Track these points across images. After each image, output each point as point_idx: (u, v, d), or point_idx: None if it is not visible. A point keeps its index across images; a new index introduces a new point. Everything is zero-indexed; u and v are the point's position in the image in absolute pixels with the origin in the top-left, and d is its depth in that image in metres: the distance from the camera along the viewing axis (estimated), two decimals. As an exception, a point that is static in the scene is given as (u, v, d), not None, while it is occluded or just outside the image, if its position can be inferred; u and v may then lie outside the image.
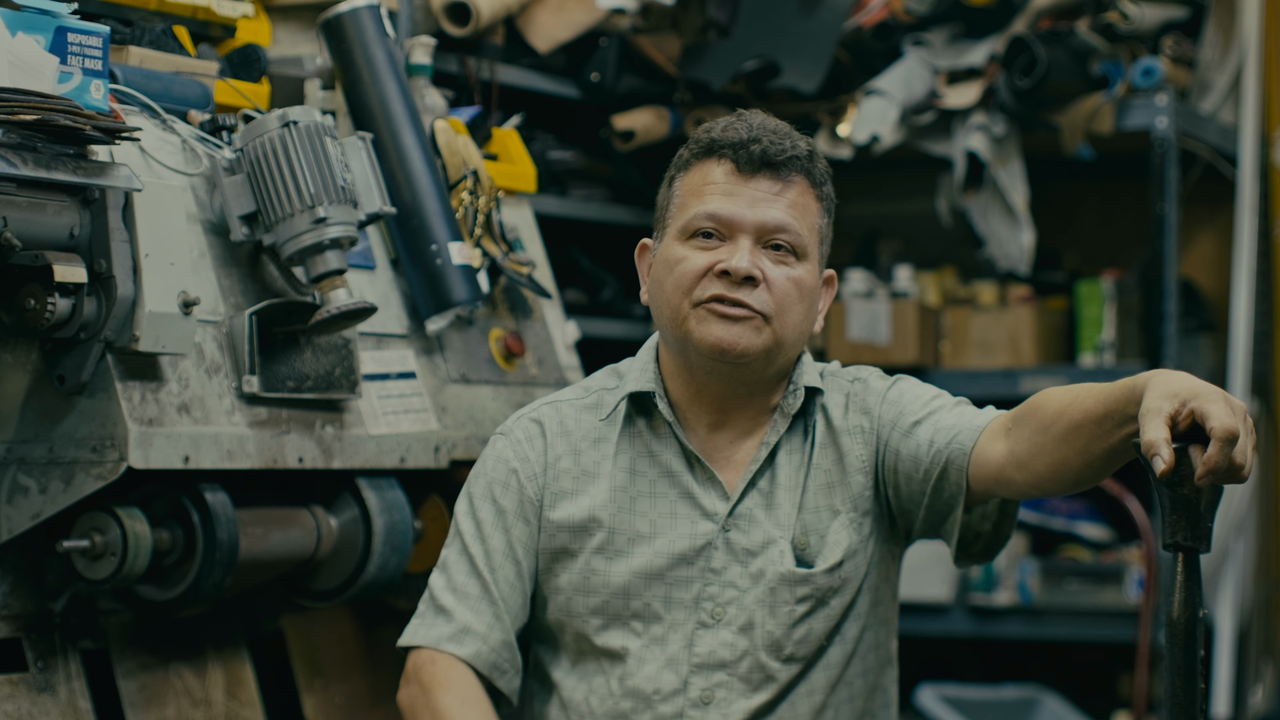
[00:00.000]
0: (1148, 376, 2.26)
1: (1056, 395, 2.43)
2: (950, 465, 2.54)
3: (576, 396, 2.72)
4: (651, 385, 2.65)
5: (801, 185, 2.60)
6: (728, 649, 2.59)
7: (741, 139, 2.58)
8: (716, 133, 2.61)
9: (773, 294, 2.55)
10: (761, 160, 2.57)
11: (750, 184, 2.57)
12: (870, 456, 2.63)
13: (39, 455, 2.69)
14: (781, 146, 2.58)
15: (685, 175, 2.63)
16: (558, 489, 2.65)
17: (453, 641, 2.62)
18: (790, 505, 2.62)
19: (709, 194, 2.58)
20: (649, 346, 2.70)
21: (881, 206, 5.55)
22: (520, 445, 2.68)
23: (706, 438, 2.64)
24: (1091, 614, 4.86)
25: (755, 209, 2.57)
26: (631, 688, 2.60)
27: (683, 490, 2.62)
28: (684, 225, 2.59)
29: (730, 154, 2.58)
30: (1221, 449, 2.13)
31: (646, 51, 4.71)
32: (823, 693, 2.62)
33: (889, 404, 2.64)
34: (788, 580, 2.59)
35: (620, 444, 2.65)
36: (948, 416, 2.58)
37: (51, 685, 2.77)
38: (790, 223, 2.57)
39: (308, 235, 2.87)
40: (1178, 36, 4.92)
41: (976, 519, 2.62)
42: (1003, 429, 2.50)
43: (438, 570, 2.69)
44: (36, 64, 2.51)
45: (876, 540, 2.65)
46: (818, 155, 2.63)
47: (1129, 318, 5.00)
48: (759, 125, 2.60)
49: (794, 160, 2.58)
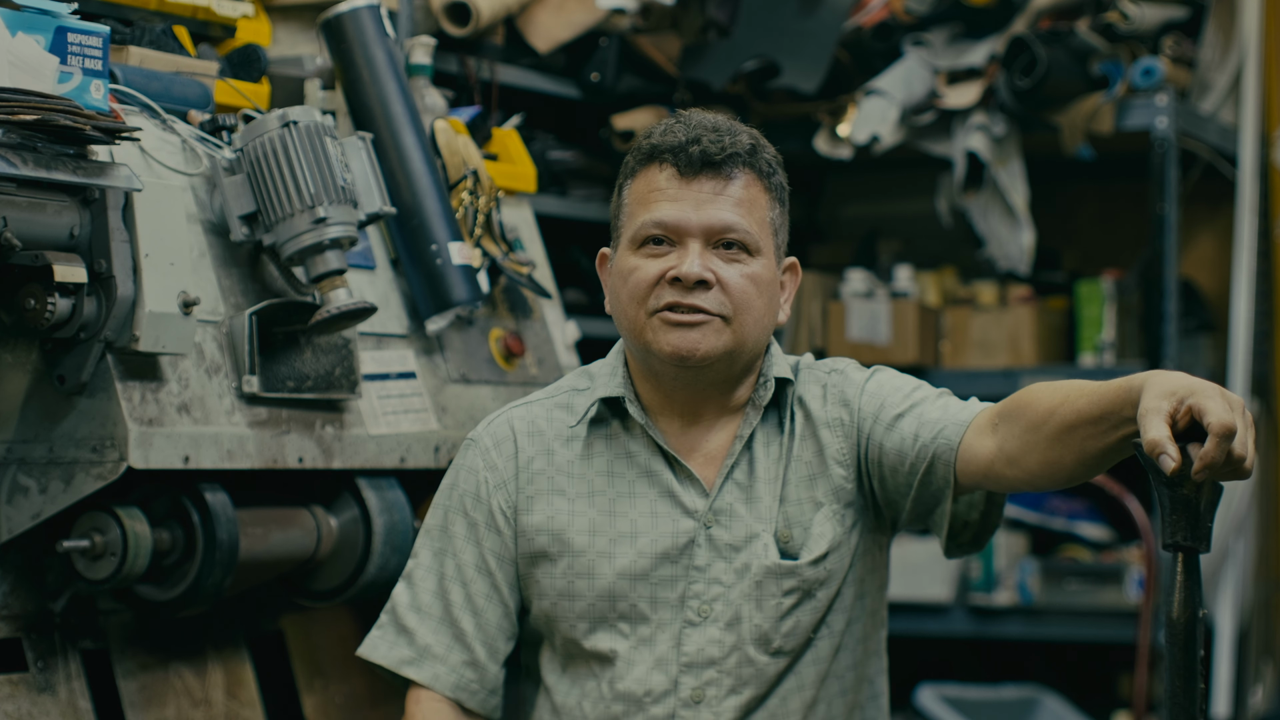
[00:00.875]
0: (1144, 377, 2.25)
1: (1045, 392, 2.41)
2: (937, 460, 2.53)
3: (547, 396, 2.71)
4: (621, 390, 2.63)
5: (746, 179, 2.57)
6: (716, 646, 2.59)
7: (680, 142, 2.55)
8: (656, 137, 2.59)
9: (729, 294, 2.54)
10: (702, 161, 2.55)
11: (693, 186, 2.55)
12: (850, 449, 2.63)
13: (39, 455, 2.69)
14: (721, 144, 2.55)
15: (632, 183, 2.61)
16: (532, 491, 2.64)
17: (412, 666, 2.63)
18: (771, 498, 2.61)
19: (654, 200, 2.56)
20: (617, 349, 2.69)
21: (881, 206, 5.56)
22: (489, 454, 2.66)
23: (680, 435, 2.64)
24: (1091, 614, 4.86)
25: (700, 211, 2.55)
26: (622, 691, 2.59)
27: (662, 489, 2.61)
28: (633, 234, 2.58)
29: (670, 158, 2.56)
30: (1218, 444, 2.12)
31: (646, 51, 4.71)
32: (813, 687, 2.61)
33: (869, 396, 2.63)
34: (774, 573, 2.59)
35: (595, 446, 2.64)
36: (932, 410, 2.57)
37: (51, 685, 2.77)
38: (737, 221, 2.55)
39: (308, 235, 2.87)
40: (1178, 36, 4.92)
41: (964, 508, 2.61)
42: (989, 424, 2.49)
43: (403, 583, 2.67)
44: (36, 64, 2.51)
45: (861, 531, 2.64)
46: (762, 146, 2.60)
47: (1129, 318, 5.00)
48: (697, 124, 2.57)
49: (734, 157, 2.56)
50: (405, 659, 2.64)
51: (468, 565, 2.63)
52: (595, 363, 2.72)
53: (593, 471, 2.63)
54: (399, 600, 2.67)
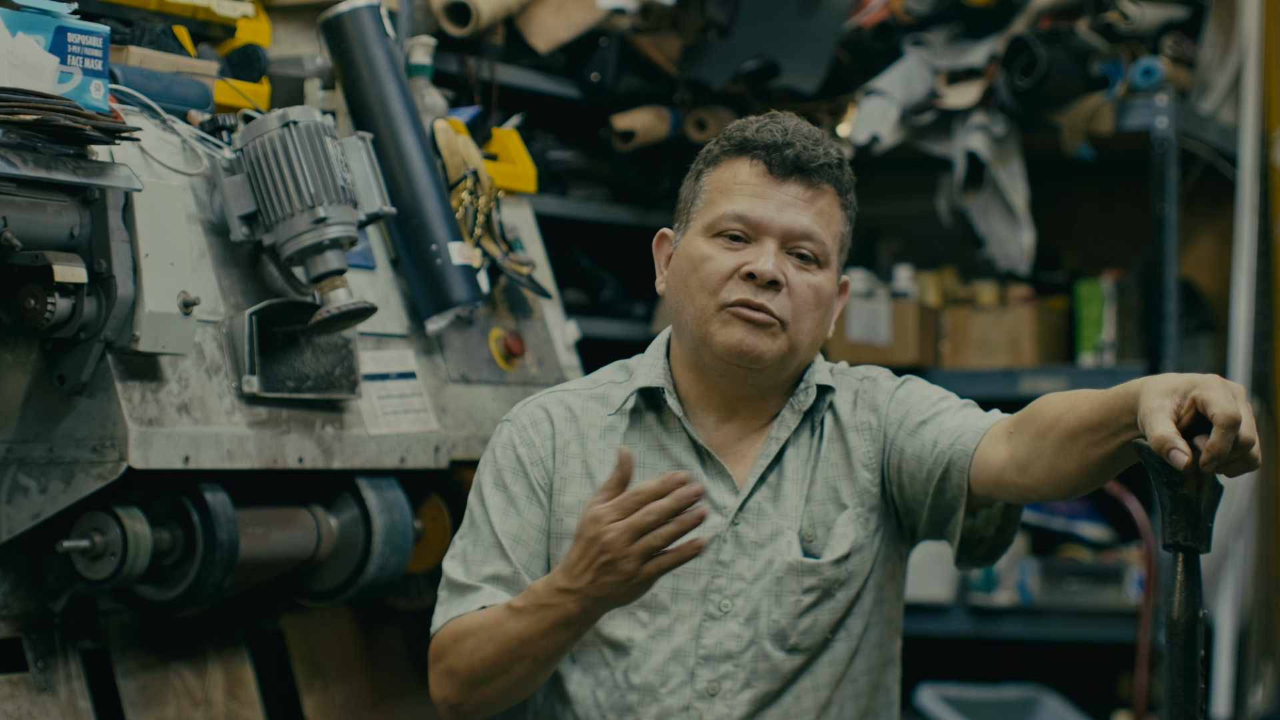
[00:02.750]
0: (1140, 382, 2.25)
1: (1056, 400, 2.43)
2: (952, 466, 2.54)
3: (585, 388, 2.72)
4: (661, 380, 2.65)
5: (830, 194, 2.60)
6: (734, 640, 2.59)
7: (776, 141, 2.57)
8: (750, 132, 2.60)
9: (792, 300, 2.56)
10: (794, 165, 2.57)
11: (781, 188, 2.57)
12: (877, 454, 2.64)
13: (39, 455, 2.69)
14: (814, 153, 2.57)
15: (714, 171, 2.62)
16: (567, 473, 2.64)
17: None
18: (797, 498, 2.62)
19: (738, 193, 2.58)
20: (659, 342, 2.70)
21: (881, 206, 5.55)
22: (526, 431, 2.67)
23: (715, 431, 2.65)
24: (1091, 614, 4.86)
25: (784, 214, 2.56)
26: (637, 681, 2.60)
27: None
28: (710, 222, 2.58)
29: (763, 155, 2.57)
30: (1224, 435, 2.12)
31: (646, 51, 4.71)
32: (828, 688, 2.62)
33: (897, 403, 2.64)
34: (795, 570, 2.60)
35: (629, 437, 2.65)
36: (953, 418, 2.59)
37: (51, 685, 2.77)
38: (816, 230, 2.57)
39: (308, 235, 2.87)
40: (1178, 36, 4.92)
41: (981, 523, 2.62)
42: (1005, 433, 2.50)
43: (453, 561, 2.64)
44: (36, 64, 2.51)
45: (883, 538, 2.65)
46: (846, 164, 2.64)
47: (1129, 318, 5.00)
48: (794, 129, 2.60)
49: (825, 168, 2.58)
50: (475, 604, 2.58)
51: (507, 534, 2.62)
52: (635, 357, 2.74)
53: None
54: (453, 574, 2.63)
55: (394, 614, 3.33)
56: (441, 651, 2.58)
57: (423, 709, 3.31)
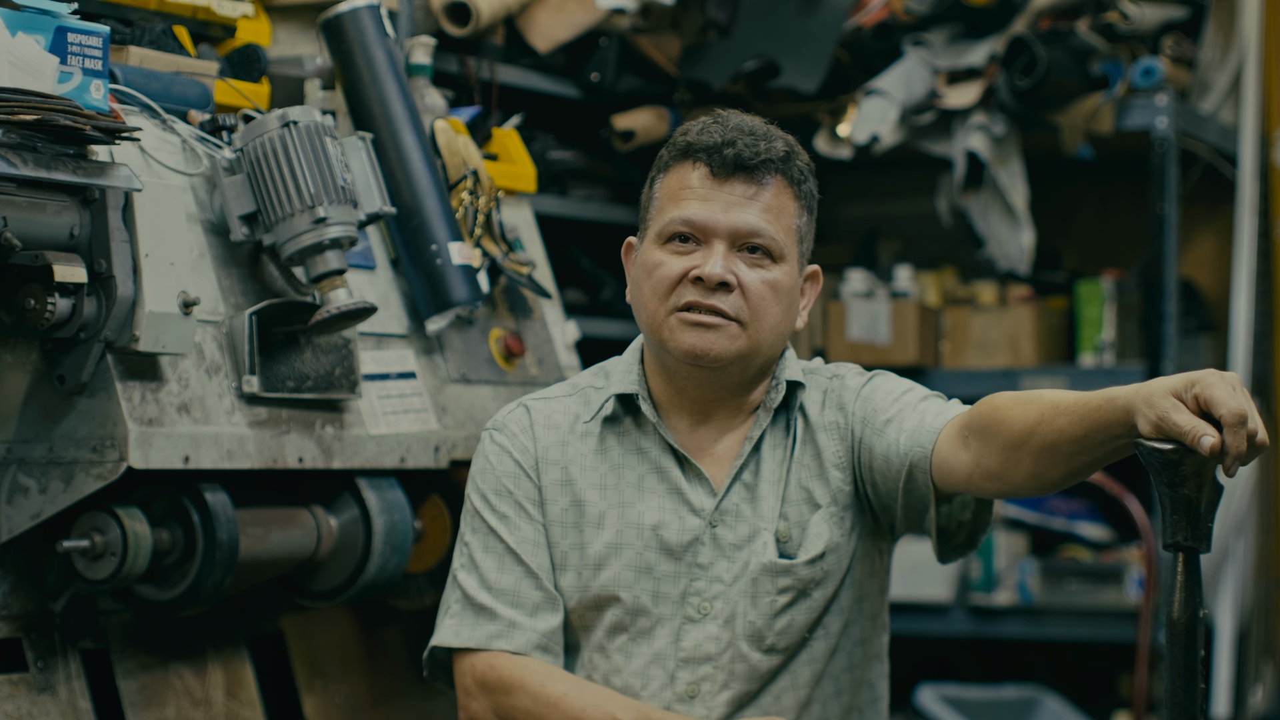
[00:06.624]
0: (1127, 393, 2.21)
1: (1016, 409, 2.37)
2: (915, 469, 2.54)
3: (564, 393, 2.74)
4: (635, 387, 2.66)
5: (777, 186, 2.59)
6: (713, 642, 2.60)
7: (716, 142, 2.58)
8: (693, 135, 2.61)
9: (747, 298, 2.56)
10: (735, 164, 2.57)
11: (724, 188, 2.57)
12: (846, 453, 2.64)
13: (39, 455, 2.69)
14: (756, 149, 2.57)
15: (664, 178, 2.64)
16: (549, 480, 2.66)
17: (503, 638, 2.60)
18: (774, 498, 2.63)
19: (684, 198, 2.59)
20: (634, 347, 2.72)
21: (881, 206, 5.56)
22: (517, 438, 2.69)
23: (689, 435, 2.66)
24: (1091, 614, 4.86)
25: (729, 214, 2.57)
26: (619, 684, 2.61)
27: (671, 486, 2.63)
28: (660, 229, 2.60)
29: (704, 158, 2.58)
30: (1236, 433, 2.12)
31: (646, 51, 4.71)
32: (807, 686, 2.62)
33: (863, 401, 2.64)
34: (769, 571, 2.60)
35: (608, 441, 2.66)
36: (911, 417, 2.57)
37: (51, 685, 2.77)
38: (764, 227, 2.57)
39: (308, 235, 2.87)
40: (1178, 36, 4.93)
41: (957, 508, 2.62)
42: (959, 435, 2.47)
43: (464, 570, 2.65)
44: (36, 64, 2.51)
45: (859, 535, 2.65)
46: (796, 153, 2.62)
47: (1129, 318, 5.00)
48: (734, 127, 2.59)
49: (768, 163, 2.58)
50: (493, 633, 2.60)
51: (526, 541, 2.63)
52: (611, 360, 2.74)
53: (605, 466, 2.65)
54: (467, 585, 2.64)
55: (394, 614, 3.33)
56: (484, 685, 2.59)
57: (423, 709, 3.31)
